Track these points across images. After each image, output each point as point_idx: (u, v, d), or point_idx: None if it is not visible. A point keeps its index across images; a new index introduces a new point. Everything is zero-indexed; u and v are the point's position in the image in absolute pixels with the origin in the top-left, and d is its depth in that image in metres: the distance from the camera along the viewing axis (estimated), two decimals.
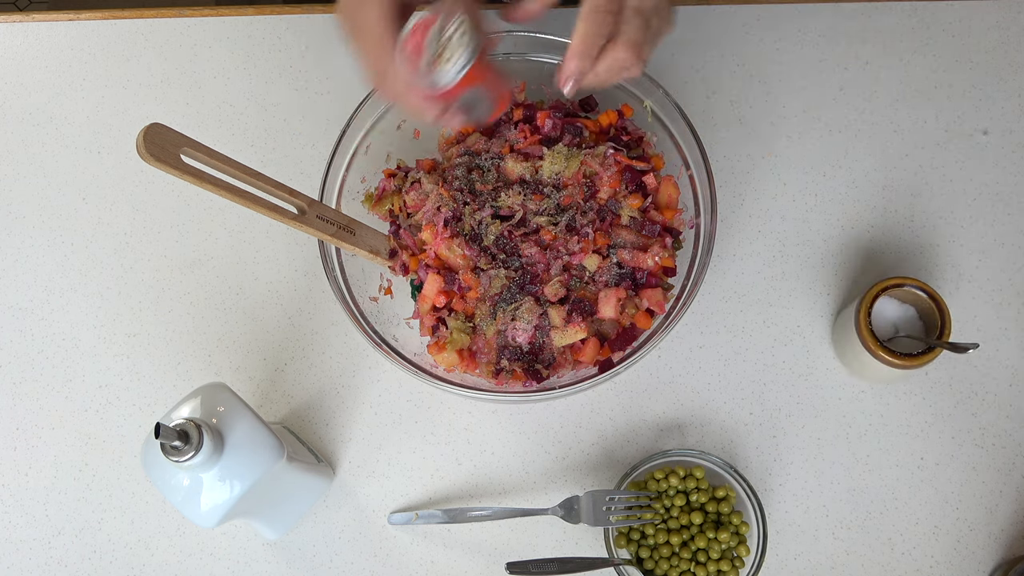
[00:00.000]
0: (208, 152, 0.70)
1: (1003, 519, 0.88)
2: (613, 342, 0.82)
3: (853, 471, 0.89)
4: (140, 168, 1.00)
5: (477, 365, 0.83)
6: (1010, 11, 1.02)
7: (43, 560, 0.89)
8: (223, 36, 1.04)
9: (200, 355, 0.94)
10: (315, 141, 1.00)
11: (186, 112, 1.02)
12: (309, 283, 0.96)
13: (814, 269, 0.94)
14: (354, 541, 0.89)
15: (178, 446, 0.68)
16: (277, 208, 0.74)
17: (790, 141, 0.98)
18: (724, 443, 0.90)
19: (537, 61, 0.89)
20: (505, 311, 0.81)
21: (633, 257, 0.83)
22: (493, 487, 0.90)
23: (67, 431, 0.92)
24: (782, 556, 0.87)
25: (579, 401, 0.91)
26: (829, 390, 0.91)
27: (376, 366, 0.93)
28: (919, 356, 0.82)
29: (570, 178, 0.84)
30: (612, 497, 0.85)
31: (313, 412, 0.92)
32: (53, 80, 1.03)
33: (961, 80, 1.00)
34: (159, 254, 0.97)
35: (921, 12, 1.02)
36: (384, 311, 0.86)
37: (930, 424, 0.90)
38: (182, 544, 0.89)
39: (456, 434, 0.91)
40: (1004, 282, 0.93)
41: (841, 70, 1.00)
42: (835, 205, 0.96)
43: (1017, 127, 0.98)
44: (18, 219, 0.99)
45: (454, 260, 0.83)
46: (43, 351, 0.95)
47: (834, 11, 1.02)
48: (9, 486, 0.91)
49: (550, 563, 0.83)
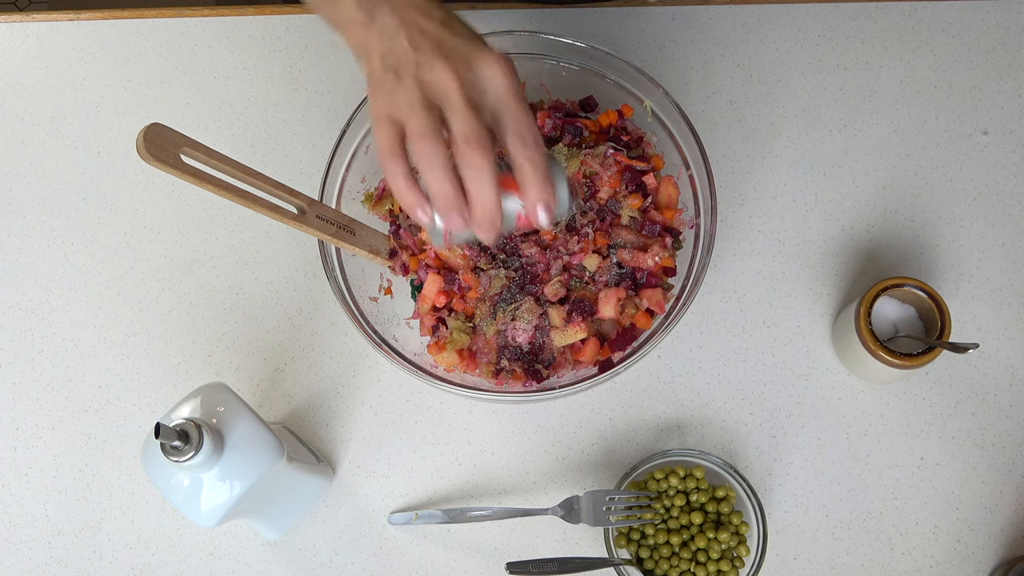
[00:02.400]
0: (208, 152, 0.69)
1: (1003, 519, 0.88)
2: (613, 342, 0.82)
3: (853, 471, 0.89)
4: (140, 168, 1.00)
5: (477, 365, 0.83)
6: (1010, 11, 1.02)
7: (43, 560, 0.89)
8: (223, 36, 1.04)
9: (200, 355, 0.94)
10: (315, 141, 1.00)
11: (186, 112, 1.02)
12: (309, 283, 0.96)
13: (814, 269, 0.94)
14: (354, 541, 0.89)
15: (178, 446, 0.68)
16: (277, 208, 0.74)
17: (790, 141, 0.98)
18: (724, 443, 0.90)
19: (537, 61, 0.89)
20: (505, 311, 0.81)
21: (633, 257, 0.83)
22: (493, 487, 0.90)
23: (67, 431, 0.92)
24: (782, 556, 0.87)
25: (579, 401, 0.91)
26: (829, 390, 0.91)
27: (376, 366, 0.93)
28: (919, 356, 0.82)
29: (570, 178, 0.84)
30: (612, 497, 0.85)
31: (313, 412, 0.92)
32: (53, 80, 1.03)
33: (961, 80, 1.00)
34: (159, 254, 0.97)
35: (921, 12, 1.02)
36: (384, 311, 0.86)
37: (930, 424, 0.90)
38: (182, 544, 0.89)
39: (456, 434, 0.91)
40: (1004, 282, 0.93)
41: (841, 70, 1.00)
42: (835, 205, 0.96)
43: (1017, 127, 0.98)
44: (18, 219, 0.99)
45: (454, 260, 0.83)
46: (43, 351, 0.95)
47: (834, 11, 1.02)
48: (9, 486, 0.91)
49: (550, 563, 0.83)
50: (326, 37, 1.03)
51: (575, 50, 0.87)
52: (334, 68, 1.03)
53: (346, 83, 1.02)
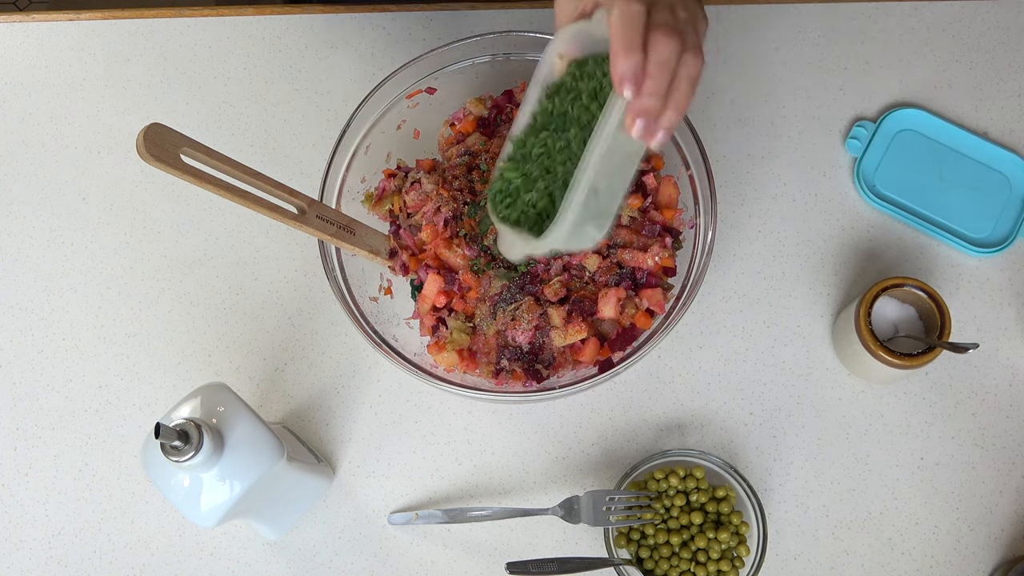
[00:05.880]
0: (208, 152, 0.70)
1: (1003, 519, 0.88)
2: (613, 342, 0.82)
3: (853, 471, 0.89)
4: (140, 168, 1.00)
5: (477, 365, 0.83)
6: (1010, 11, 1.02)
7: (43, 560, 0.89)
8: (223, 36, 1.04)
9: (200, 355, 0.94)
10: (315, 141, 1.00)
11: (186, 112, 1.02)
12: (309, 283, 0.96)
13: (814, 269, 0.94)
14: (354, 541, 0.89)
15: (178, 446, 0.68)
16: (277, 208, 0.74)
17: (790, 141, 0.98)
18: (724, 443, 0.90)
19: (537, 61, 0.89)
20: (505, 311, 0.81)
21: (633, 257, 0.83)
22: (493, 487, 0.90)
23: (67, 431, 0.92)
24: (782, 556, 0.87)
25: (579, 401, 0.91)
26: (829, 390, 0.91)
27: (376, 366, 0.93)
28: (919, 356, 0.82)
29: None
30: (612, 497, 0.85)
31: (313, 412, 0.92)
32: (53, 80, 1.03)
33: (961, 80, 1.00)
34: (159, 254, 0.97)
35: (921, 12, 1.02)
36: (384, 311, 0.86)
37: (930, 424, 0.90)
38: (182, 544, 0.89)
39: (456, 434, 0.91)
40: (1004, 282, 0.93)
41: (841, 70, 1.00)
42: (835, 205, 0.96)
43: (1017, 127, 0.98)
44: (18, 219, 0.99)
45: (454, 260, 0.83)
46: (43, 351, 0.95)
47: (834, 11, 1.02)
48: (9, 486, 0.91)
49: (550, 563, 0.83)
50: (326, 37, 1.04)
51: None
52: (334, 68, 1.03)
53: (346, 83, 1.02)
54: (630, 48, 0.64)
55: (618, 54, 0.64)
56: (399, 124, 0.90)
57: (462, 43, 0.87)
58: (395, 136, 0.90)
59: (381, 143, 0.90)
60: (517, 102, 0.90)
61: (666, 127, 0.66)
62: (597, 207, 0.69)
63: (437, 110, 0.91)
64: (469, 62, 0.89)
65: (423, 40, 1.03)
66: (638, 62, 0.64)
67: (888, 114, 0.97)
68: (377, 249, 0.84)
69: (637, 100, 0.64)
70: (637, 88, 0.64)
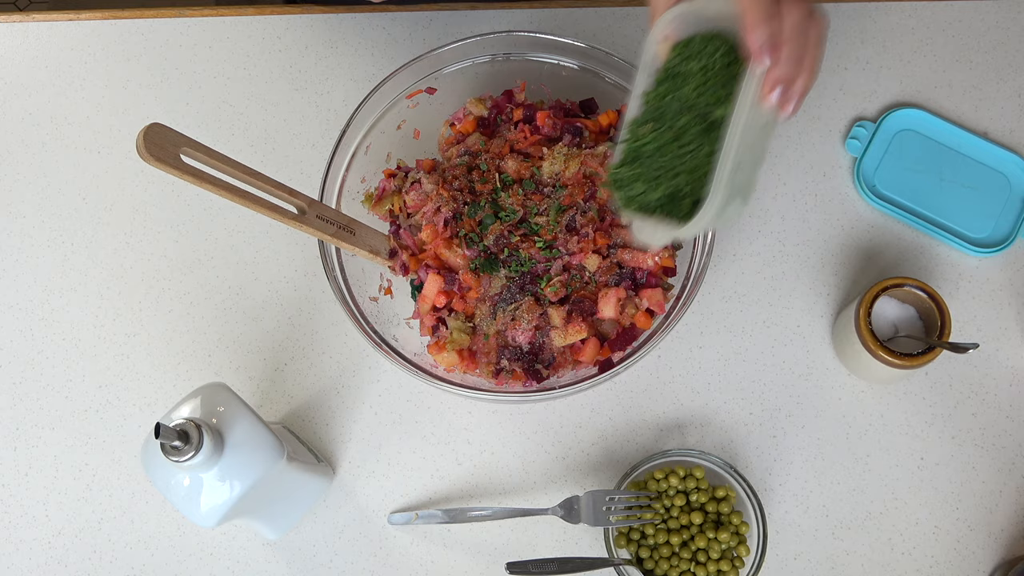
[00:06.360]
0: (208, 152, 0.70)
1: (1003, 519, 0.88)
2: (613, 342, 0.82)
3: (853, 471, 0.89)
4: (140, 168, 1.00)
5: (477, 365, 0.83)
6: (1010, 11, 1.02)
7: (43, 560, 0.89)
8: (223, 36, 1.04)
9: (200, 355, 0.94)
10: (315, 141, 1.00)
11: (186, 112, 1.02)
12: (309, 283, 0.96)
13: (814, 269, 0.95)
14: (354, 541, 0.89)
15: (178, 446, 0.68)
16: (277, 208, 0.74)
17: (790, 141, 0.98)
18: (724, 443, 0.90)
19: (537, 61, 0.89)
20: (505, 311, 0.81)
21: (633, 257, 0.83)
22: (493, 487, 0.90)
23: (67, 431, 0.92)
24: (782, 556, 0.87)
25: (579, 401, 0.91)
26: (829, 390, 0.91)
27: (376, 366, 0.93)
28: (919, 356, 0.82)
29: (570, 178, 0.84)
30: (612, 497, 0.85)
31: (313, 412, 0.92)
32: (53, 80, 1.03)
33: (961, 80, 1.00)
34: (159, 254, 0.97)
35: (921, 12, 1.02)
36: (384, 311, 0.86)
37: (930, 424, 0.90)
38: (182, 544, 0.89)
39: (456, 434, 0.91)
40: (1004, 282, 0.93)
41: (841, 70, 1.00)
42: (835, 205, 0.96)
43: (1017, 127, 0.98)
44: (18, 219, 0.99)
45: (454, 260, 0.83)
46: (43, 351, 0.95)
47: (834, 11, 1.02)
48: (9, 486, 0.91)
49: (550, 563, 0.83)
50: (326, 37, 1.04)
51: (575, 50, 0.87)
52: (334, 68, 1.03)
53: (346, 83, 1.02)
54: (768, 17, 0.64)
55: (757, 24, 0.64)
56: (399, 124, 0.90)
57: (462, 43, 0.87)
58: (395, 136, 0.90)
59: (381, 143, 0.90)
60: (517, 102, 0.90)
61: (801, 92, 0.66)
62: (741, 182, 0.69)
63: (437, 110, 0.91)
64: (469, 62, 0.89)
65: (423, 40, 1.03)
66: (777, 30, 0.64)
67: (888, 114, 0.97)
68: (377, 249, 0.84)
69: (775, 68, 0.64)
70: (776, 56, 0.64)
